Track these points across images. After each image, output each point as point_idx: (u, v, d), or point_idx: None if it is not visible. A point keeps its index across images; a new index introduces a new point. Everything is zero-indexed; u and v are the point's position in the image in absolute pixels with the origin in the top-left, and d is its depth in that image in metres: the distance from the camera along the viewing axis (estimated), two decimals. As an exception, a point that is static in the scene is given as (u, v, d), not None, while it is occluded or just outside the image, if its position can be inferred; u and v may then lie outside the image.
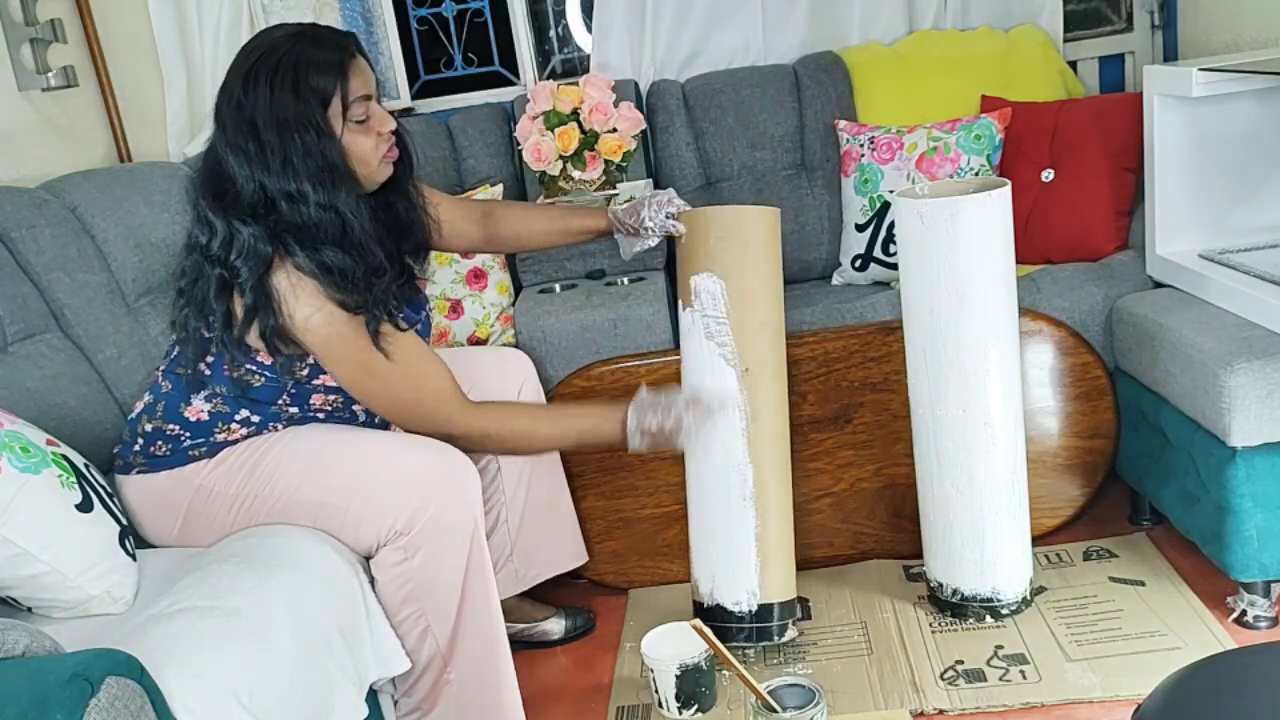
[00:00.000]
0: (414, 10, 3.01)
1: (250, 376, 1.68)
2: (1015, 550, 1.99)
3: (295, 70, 1.60)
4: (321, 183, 1.61)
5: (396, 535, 1.63)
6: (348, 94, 1.64)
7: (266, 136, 1.60)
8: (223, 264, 1.61)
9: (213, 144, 1.66)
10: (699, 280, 1.93)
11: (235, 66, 1.65)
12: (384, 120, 1.70)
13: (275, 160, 1.60)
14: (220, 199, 1.63)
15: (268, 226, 1.60)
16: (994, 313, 1.89)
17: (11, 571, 1.45)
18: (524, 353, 2.17)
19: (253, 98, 1.60)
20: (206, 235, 1.64)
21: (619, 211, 2.00)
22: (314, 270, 1.60)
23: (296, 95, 1.60)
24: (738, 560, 1.95)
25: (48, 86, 2.43)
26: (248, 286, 1.60)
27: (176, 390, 1.72)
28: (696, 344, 1.93)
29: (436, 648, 1.69)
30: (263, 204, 1.61)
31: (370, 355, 1.65)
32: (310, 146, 1.60)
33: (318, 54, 1.62)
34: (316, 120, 1.61)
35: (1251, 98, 2.07)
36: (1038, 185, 2.48)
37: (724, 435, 1.92)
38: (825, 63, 2.77)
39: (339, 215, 1.62)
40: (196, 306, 1.66)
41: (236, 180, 1.62)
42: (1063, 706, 1.77)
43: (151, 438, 1.73)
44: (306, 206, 1.61)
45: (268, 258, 1.60)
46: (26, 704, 1.05)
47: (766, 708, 1.47)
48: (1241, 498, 1.84)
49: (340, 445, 1.71)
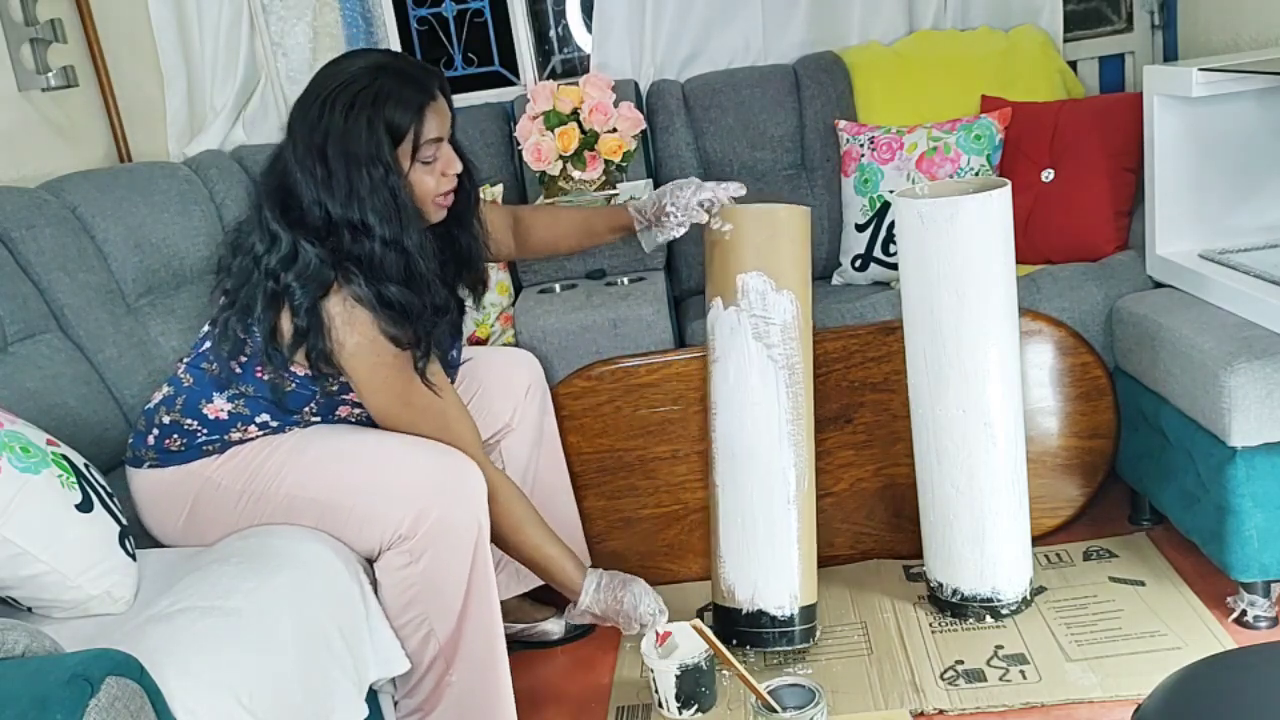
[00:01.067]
0: (414, 10, 3.01)
1: (283, 382, 1.68)
2: (1015, 550, 1.99)
3: (374, 104, 1.59)
4: (388, 218, 1.60)
5: (401, 539, 1.63)
6: (420, 135, 1.63)
7: (334, 165, 1.59)
8: (277, 279, 1.60)
9: (281, 153, 1.65)
10: (747, 279, 1.91)
11: (315, 85, 1.64)
12: (451, 163, 1.70)
13: (341, 190, 1.59)
14: (286, 213, 1.62)
15: (331, 250, 1.60)
16: (994, 313, 1.89)
17: (11, 571, 1.44)
18: (529, 353, 2.18)
19: (326, 122, 1.59)
20: (266, 245, 1.62)
21: (640, 203, 2.00)
22: (372, 301, 1.60)
23: (370, 129, 1.59)
24: (781, 564, 1.95)
25: (48, 86, 2.43)
26: (302, 309, 1.59)
27: (199, 385, 1.72)
28: (743, 343, 1.93)
29: (439, 649, 1.69)
30: (327, 228, 1.60)
31: (409, 389, 1.67)
32: (377, 182, 1.59)
33: (398, 91, 1.61)
34: (385, 157, 1.60)
35: (1251, 98, 2.07)
36: (1038, 185, 2.48)
37: (767, 439, 1.93)
38: (825, 63, 2.77)
39: (404, 253, 1.62)
40: (241, 311, 1.65)
41: (304, 199, 1.61)
42: (1063, 706, 1.77)
43: (168, 430, 1.73)
44: (371, 240, 1.60)
45: (328, 283, 1.59)
46: (26, 704, 1.05)
47: (766, 708, 1.47)
48: (1241, 498, 1.84)
49: (348, 447, 1.71)
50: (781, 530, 1.95)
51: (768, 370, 1.93)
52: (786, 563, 1.96)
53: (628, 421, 2.20)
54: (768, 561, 1.95)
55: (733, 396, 1.95)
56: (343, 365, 1.64)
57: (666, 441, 2.21)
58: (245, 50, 2.83)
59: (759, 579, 1.96)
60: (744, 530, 1.96)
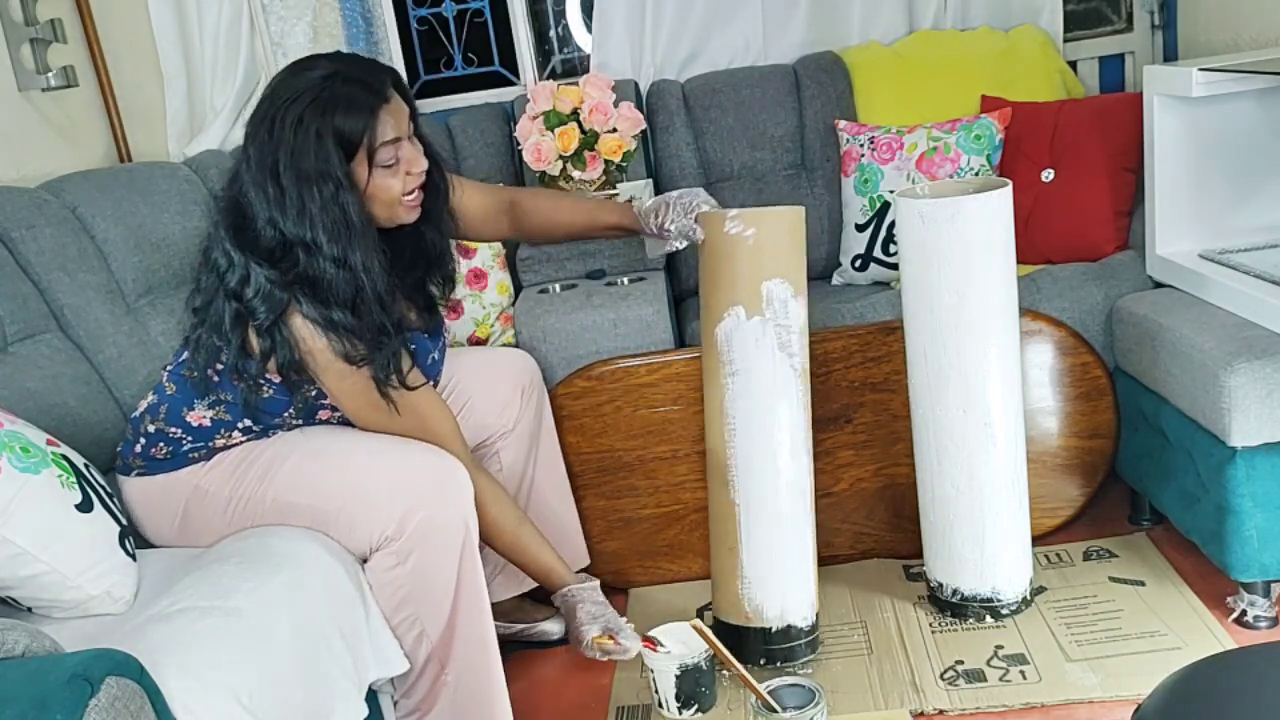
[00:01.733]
0: (414, 10, 3.01)
1: (259, 389, 1.68)
2: (1015, 550, 1.99)
3: (321, 116, 1.56)
4: (336, 237, 1.59)
5: (388, 540, 1.63)
6: (374, 140, 1.60)
7: (286, 183, 1.57)
8: (239, 299, 1.61)
9: (239, 170, 1.64)
10: (771, 287, 1.84)
11: (265, 100, 1.61)
12: (414, 161, 1.67)
13: (293, 208, 1.58)
14: (240, 234, 1.61)
15: (282, 272, 1.59)
16: (994, 313, 1.89)
17: (11, 571, 1.44)
18: (527, 353, 2.17)
19: (276, 140, 1.57)
20: (225, 265, 1.62)
21: (643, 210, 1.95)
22: (321, 323, 1.60)
23: (319, 144, 1.56)
24: (804, 575, 1.96)
25: (48, 86, 2.42)
26: (263, 328, 1.60)
27: (181, 393, 1.72)
28: (769, 355, 1.87)
29: (432, 649, 1.69)
30: (280, 248, 1.60)
31: (378, 397, 1.66)
32: (328, 200, 1.58)
33: (348, 96, 1.58)
34: (337, 174, 1.58)
35: (1251, 98, 2.07)
36: (1038, 185, 2.48)
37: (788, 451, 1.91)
38: (825, 63, 2.77)
39: (351, 271, 1.60)
40: (211, 329, 1.65)
41: (257, 220, 1.60)
42: (1063, 706, 1.77)
43: (154, 439, 1.74)
44: (321, 259, 1.59)
45: (282, 305, 1.59)
46: (26, 704, 1.05)
47: (767, 708, 1.47)
48: (1241, 498, 1.84)
49: (333, 449, 1.71)
50: (803, 540, 1.95)
51: (790, 381, 1.89)
52: (807, 573, 1.96)
53: (627, 421, 2.20)
54: (794, 575, 1.94)
55: (755, 412, 1.89)
56: (317, 375, 1.64)
57: (666, 442, 2.21)
58: (245, 50, 2.83)
59: (786, 594, 1.94)
60: (771, 548, 1.93)
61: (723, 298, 1.88)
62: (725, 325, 1.88)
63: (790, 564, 1.94)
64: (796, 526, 1.94)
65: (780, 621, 1.94)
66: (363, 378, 1.65)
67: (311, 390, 1.69)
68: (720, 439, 1.94)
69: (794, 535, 1.94)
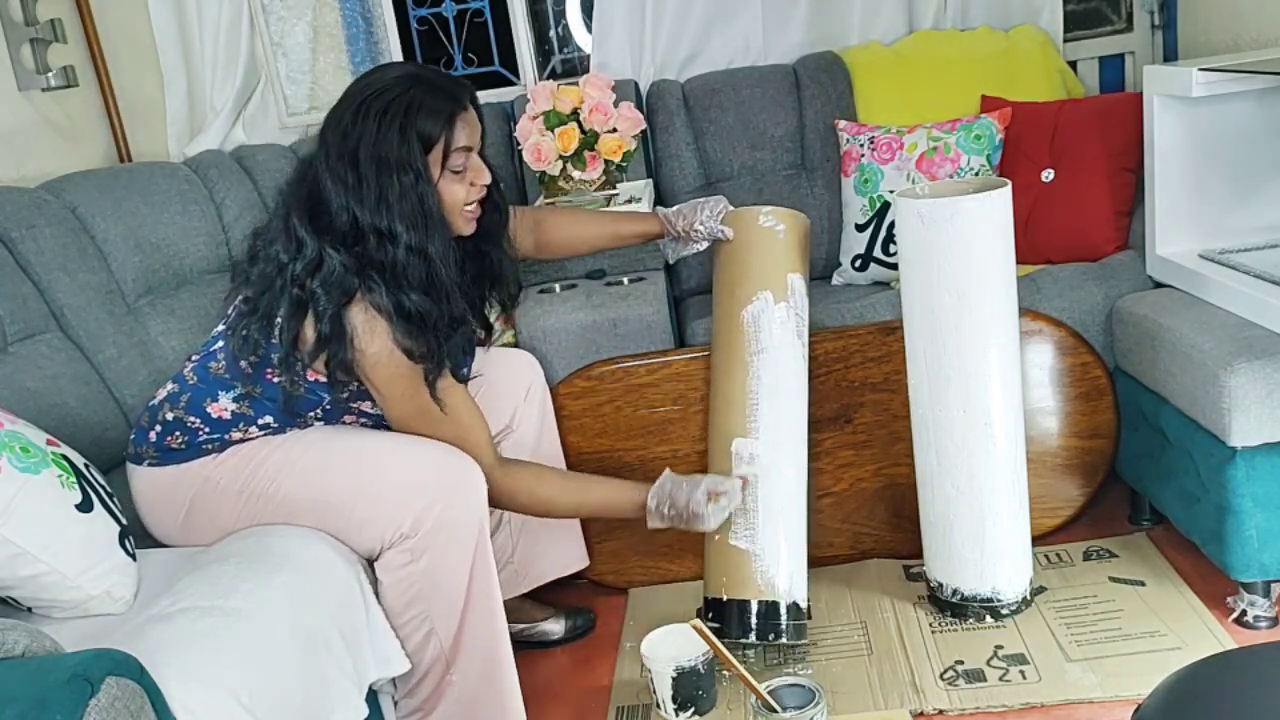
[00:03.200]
0: (414, 10, 3.01)
1: (295, 387, 1.68)
2: (1015, 550, 1.99)
3: (406, 112, 1.61)
4: (414, 225, 1.62)
5: (402, 538, 1.63)
6: (450, 143, 1.65)
7: (365, 170, 1.60)
8: (302, 286, 1.61)
9: (312, 162, 1.66)
10: (794, 280, 1.98)
11: (349, 95, 1.66)
12: (480, 173, 1.72)
13: (371, 195, 1.61)
14: (315, 220, 1.63)
15: (356, 257, 1.61)
16: (994, 313, 1.89)
17: (11, 571, 1.45)
18: (529, 354, 2.17)
19: (359, 130, 1.61)
20: (292, 253, 1.63)
21: (669, 214, 2.02)
22: (390, 311, 1.61)
23: (402, 136, 1.61)
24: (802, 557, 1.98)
25: (48, 86, 2.43)
26: (326, 315, 1.60)
27: (205, 384, 1.72)
28: (789, 340, 1.97)
29: (440, 649, 1.69)
30: (354, 235, 1.62)
31: (425, 400, 1.68)
32: (407, 188, 1.61)
33: (430, 100, 1.63)
34: (416, 164, 1.62)
35: (1251, 98, 2.07)
36: (1038, 185, 2.48)
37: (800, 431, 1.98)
38: (825, 63, 2.77)
39: (427, 260, 1.63)
40: (263, 319, 1.66)
41: (331, 205, 1.62)
42: (1063, 706, 1.77)
43: (170, 427, 1.73)
44: (396, 246, 1.61)
45: (352, 290, 1.61)
46: (26, 704, 1.05)
47: (766, 708, 1.47)
48: (1241, 498, 1.84)
49: (346, 447, 1.71)
50: (800, 524, 1.98)
51: (799, 367, 1.99)
52: (803, 554, 1.99)
53: (628, 421, 2.20)
54: (799, 553, 1.97)
55: (778, 388, 1.95)
56: (365, 375, 1.65)
57: (666, 442, 2.21)
58: (245, 50, 2.83)
59: (794, 570, 1.96)
60: (789, 521, 1.96)
61: (751, 285, 1.98)
62: (754, 308, 1.96)
63: (798, 542, 1.97)
64: (802, 510, 1.98)
65: (789, 598, 1.94)
66: (414, 378, 1.65)
67: (344, 393, 1.70)
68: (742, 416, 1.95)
69: (799, 518, 1.97)
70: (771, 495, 1.94)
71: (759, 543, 1.93)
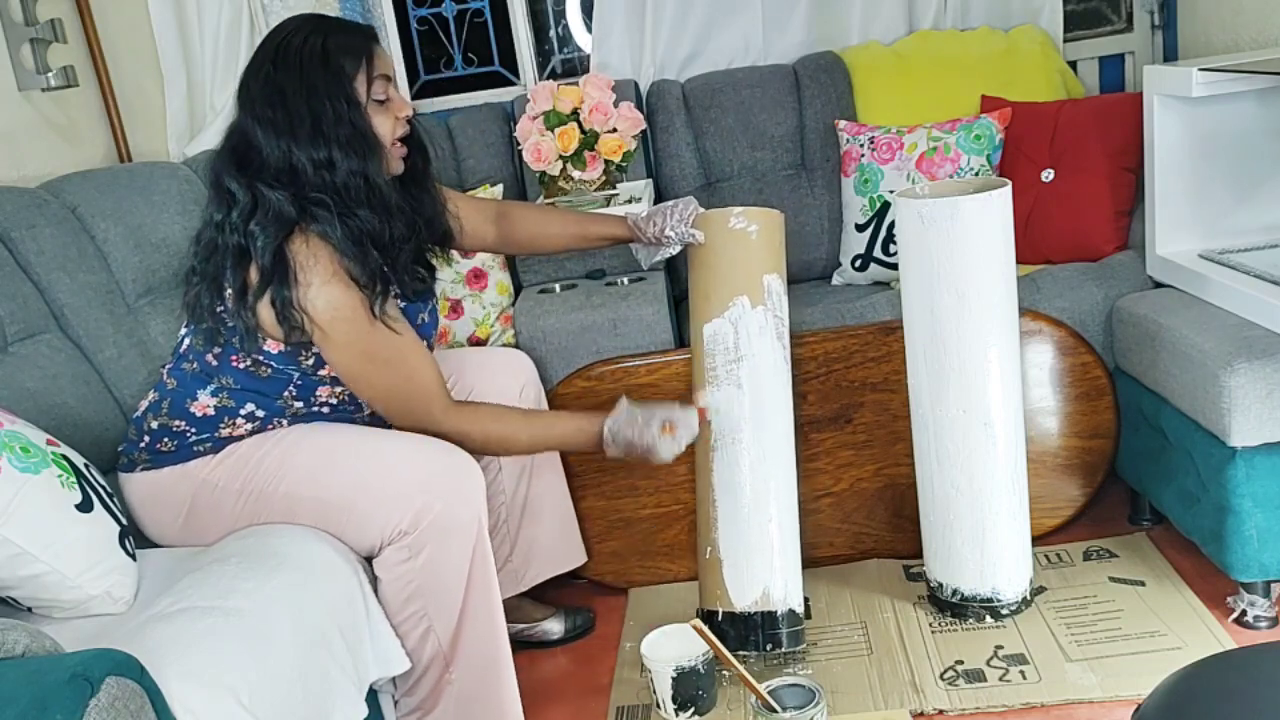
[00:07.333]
0: (414, 10, 3.01)
1: (258, 367, 1.69)
2: (1015, 550, 1.99)
3: (324, 48, 1.65)
4: (352, 149, 1.64)
5: (401, 535, 1.63)
6: (372, 70, 1.68)
7: (294, 105, 1.62)
8: (241, 232, 1.62)
9: (236, 124, 1.68)
10: (770, 280, 1.93)
11: (263, 47, 1.69)
12: (402, 105, 1.74)
13: (303, 127, 1.62)
14: (244, 168, 1.65)
15: (293, 193, 1.62)
16: (994, 313, 1.89)
17: (11, 571, 1.44)
18: (524, 353, 2.17)
19: (282, 69, 1.64)
20: (225, 209, 1.65)
21: (639, 220, 1.98)
22: (337, 237, 1.61)
23: (325, 66, 1.64)
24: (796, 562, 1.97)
25: (48, 86, 2.42)
26: (266, 251, 1.60)
27: (183, 386, 1.73)
28: (770, 345, 1.93)
29: (439, 647, 1.69)
30: (288, 172, 1.63)
31: (370, 342, 1.66)
32: (340, 113, 1.64)
33: (342, 36, 1.68)
34: (346, 88, 1.65)
35: (1251, 98, 2.07)
36: (1038, 185, 2.48)
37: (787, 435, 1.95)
38: (825, 63, 2.77)
39: (368, 181, 1.65)
40: (209, 282, 1.67)
41: (263, 150, 1.64)
42: (1063, 706, 1.77)
43: (158, 434, 1.73)
44: (335, 173, 1.63)
45: (291, 222, 1.61)
46: (26, 704, 1.05)
47: (766, 708, 1.47)
48: (1241, 498, 1.84)
49: (344, 444, 1.71)
50: (792, 528, 1.97)
51: (781, 370, 1.95)
52: (797, 559, 1.98)
53: (628, 421, 2.20)
54: (793, 559, 1.96)
55: (763, 393, 1.93)
56: (307, 311, 1.61)
57: (666, 441, 2.20)
58: (245, 50, 2.82)
59: (789, 577, 1.95)
60: (781, 528, 1.95)
61: (726, 290, 1.93)
62: (732, 314, 1.93)
63: (791, 546, 1.96)
64: (792, 514, 1.97)
65: (784, 605, 1.94)
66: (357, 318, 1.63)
67: (308, 358, 1.69)
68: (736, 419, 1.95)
69: (793, 517, 1.96)
70: (762, 503, 1.93)
71: (750, 553, 1.92)
